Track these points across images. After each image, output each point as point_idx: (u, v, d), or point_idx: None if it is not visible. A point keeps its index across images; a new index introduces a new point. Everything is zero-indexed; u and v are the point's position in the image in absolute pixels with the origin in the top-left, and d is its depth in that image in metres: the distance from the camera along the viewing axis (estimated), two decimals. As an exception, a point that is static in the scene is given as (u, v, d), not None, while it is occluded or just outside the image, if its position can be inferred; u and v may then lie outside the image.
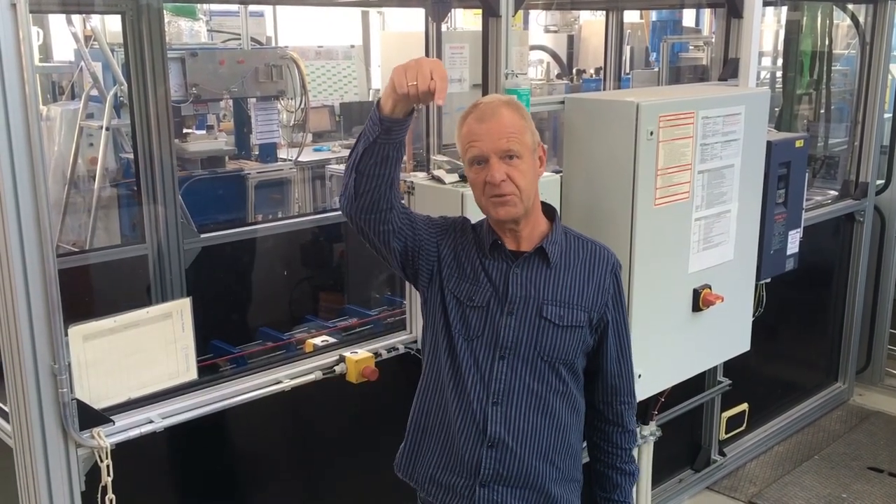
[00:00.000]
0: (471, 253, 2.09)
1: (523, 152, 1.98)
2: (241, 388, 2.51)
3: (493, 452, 2.04)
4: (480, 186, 2.00)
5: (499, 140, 1.95)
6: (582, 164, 3.05)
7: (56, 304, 2.03)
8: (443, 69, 1.83)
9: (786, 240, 3.74)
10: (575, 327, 2.06)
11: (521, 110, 2.03)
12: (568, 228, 2.16)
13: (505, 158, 1.96)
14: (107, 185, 5.38)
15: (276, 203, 6.47)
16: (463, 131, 2.02)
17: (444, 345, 2.08)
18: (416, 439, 2.17)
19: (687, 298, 3.19)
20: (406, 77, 1.82)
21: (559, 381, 2.07)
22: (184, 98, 5.44)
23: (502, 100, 2.06)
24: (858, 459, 4.43)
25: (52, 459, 2.12)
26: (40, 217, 1.98)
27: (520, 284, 2.05)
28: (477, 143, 1.98)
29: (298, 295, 4.94)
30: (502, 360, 2.04)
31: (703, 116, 3.03)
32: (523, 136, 1.99)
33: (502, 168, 1.95)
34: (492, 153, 1.96)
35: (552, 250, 2.07)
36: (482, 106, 2.01)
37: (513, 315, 2.04)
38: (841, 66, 5.71)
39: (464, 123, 2.02)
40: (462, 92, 5.67)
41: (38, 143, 1.96)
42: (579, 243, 2.13)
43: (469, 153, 2.00)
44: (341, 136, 7.87)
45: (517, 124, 1.99)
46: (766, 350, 3.99)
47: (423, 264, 2.08)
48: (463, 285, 2.07)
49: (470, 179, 2.04)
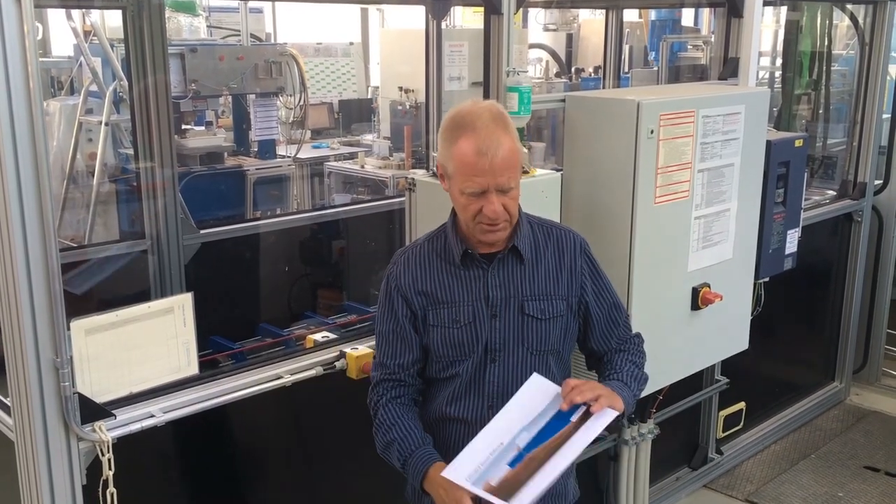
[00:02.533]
0: (436, 276, 2.08)
1: (517, 181, 1.97)
2: (242, 382, 2.52)
3: None
4: (473, 213, 1.97)
5: (500, 177, 1.92)
6: (582, 162, 3.05)
7: (58, 298, 2.04)
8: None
9: (784, 239, 3.75)
10: (556, 317, 2.09)
11: (511, 127, 1.98)
12: (531, 216, 2.15)
13: (502, 191, 1.94)
14: (105, 181, 5.37)
15: (275, 199, 6.47)
16: (456, 157, 1.94)
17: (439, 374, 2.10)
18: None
19: (686, 297, 3.20)
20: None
21: (546, 371, 2.08)
22: (183, 94, 5.44)
23: (496, 119, 1.95)
24: (855, 458, 4.45)
25: (54, 453, 2.12)
26: (43, 212, 1.99)
27: (498, 286, 2.06)
28: (478, 178, 1.92)
29: (297, 291, 4.94)
30: (493, 363, 2.06)
31: (703, 115, 3.04)
32: (518, 164, 1.98)
33: (500, 202, 1.94)
34: (492, 188, 1.93)
35: (524, 246, 2.07)
36: (481, 132, 1.91)
37: (497, 317, 2.05)
38: (840, 66, 5.72)
39: (457, 145, 1.93)
40: (462, 90, 5.68)
41: (42, 137, 1.96)
42: (545, 231, 2.14)
43: (467, 187, 1.94)
44: (340, 133, 7.88)
45: (514, 153, 1.95)
46: (764, 349, 4.00)
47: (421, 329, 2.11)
48: (442, 312, 2.07)
49: (459, 203, 1.99)
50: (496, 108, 1.99)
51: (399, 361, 2.11)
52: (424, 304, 2.08)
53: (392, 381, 2.12)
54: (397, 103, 6.57)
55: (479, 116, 1.94)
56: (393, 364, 2.11)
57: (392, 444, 2.05)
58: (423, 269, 2.10)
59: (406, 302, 2.09)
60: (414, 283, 2.09)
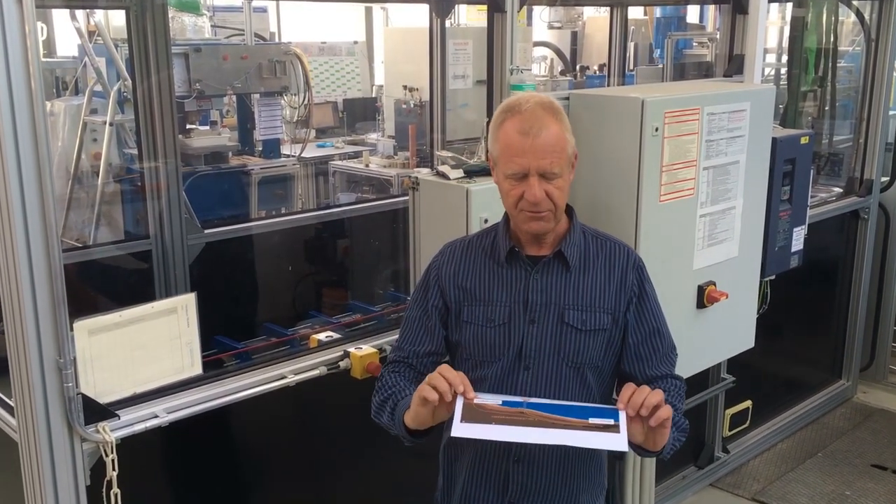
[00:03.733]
0: (478, 272, 2.04)
1: (564, 170, 1.90)
2: (246, 383, 2.51)
3: (520, 467, 2.00)
4: (515, 199, 1.91)
5: (542, 160, 1.86)
6: (587, 160, 3.03)
7: (61, 298, 2.03)
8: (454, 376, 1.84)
9: (790, 237, 3.73)
10: (598, 330, 2.00)
11: (562, 116, 1.93)
12: (586, 227, 2.09)
13: (544, 177, 1.88)
14: (110, 181, 5.38)
15: (280, 199, 6.47)
16: (501, 139, 1.91)
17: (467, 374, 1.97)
18: (450, 471, 2.14)
19: (691, 295, 3.18)
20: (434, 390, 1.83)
21: (583, 386, 2.00)
22: (187, 93, 5.44)
23: (544, 105, 1.91)
24: (862, 457, 4.43)
25: (58, 454, 2.12)
26: (46, 212, 1.98)
27: (540, 291, 1.99)
28: (519, 159, 1.87)
29: (302, 291, 4.94)
30: (526, 370, 1.99)
31: (708, 113, 3.02)
32: (565, 152, 1.90)
33: (542, 187, 1.87)
34: (534, 171, 1.87)
35: (571, 253, 2.00)
36: (526, 114, 1.88)
37: (535, 323, 1.98)
38: (846, 62, 5.69)
39: (502, 127, 1.91)
40: (466, 88, 5.67)
41: (45, 138, 1.96)
42: (598, 243, 2.06)
43: (509, 168, 1.89)
44: (345, 133, 7.87)
45: (561, 139, 1.89)
46: (770, 347, 3.99)
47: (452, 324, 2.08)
48: (477, 309, 2.02)
49: (503, 189, 1.95)
50: (546, 98, 1.96)
51: (416, 349, 2.08)
52: (461, 298, 2.04)
53: (404, 364, 2.09)
54: (402, 102, 6.57)
55: (527, 101, 1.93)
56: (410, 349, 2.08)
57: (387, 401, 2.01)
58: (467, 263, 2.06)
59: (442, 293, 2.05)
60: (455, 276, 2.05)
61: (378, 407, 2.03)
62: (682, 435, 2.01)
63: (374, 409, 2.05)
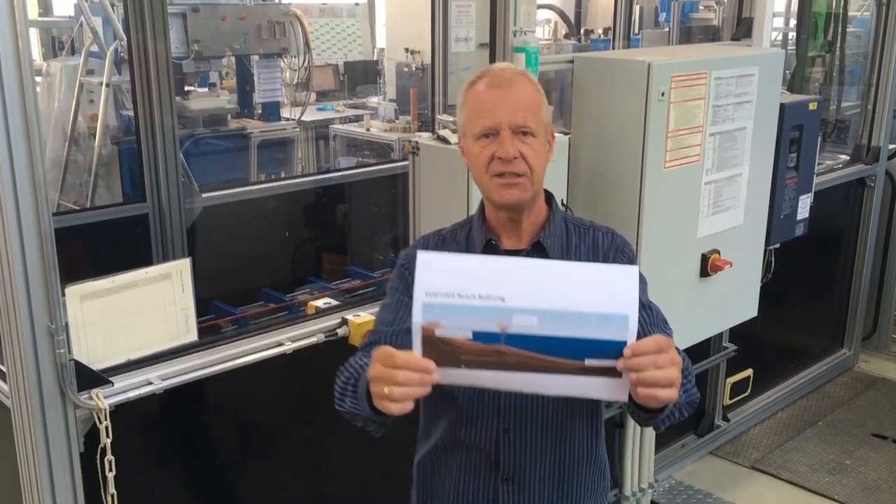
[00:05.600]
0: None
1: (538, 131, 1.73)
2: (242, 350, 2.48)
3: (510, 486, 1.80)
4: (485, 163, 1.72)
5: (515, 112, 1.70)
6: (591, 125, 2.98)
7: (52, 262, 1.99)
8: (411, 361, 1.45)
9: (796, 204, 3.68)
10: None
11: (537, 85, 1.79)
12: (567, 216, 1.92)
13: (518, 135, 1.71)
14: (108, 143, 5.31)
15: (279, 163, 6.40)
16: (470, 100, 1.77)
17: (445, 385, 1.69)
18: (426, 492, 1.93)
19: (695, 264, 3.15)
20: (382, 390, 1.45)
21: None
22: (185, 55, 5.35)
23: (516, 69, 1.81)
24: (863, 426, 4.42)
25: (51, 421, 2.09)
26: (35, 173, 1.93)
27: None
28: (489, 112, 1.71)
29: (301, 256, 4.90)
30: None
31: (715, 77, 2.96)
32: (539, 113, 1.75)
33: (515, 143, 1.70)
34: (505, 125, 1.70)
35: (551, 244, 1.81)
36: (496, 71, 1.77)
37: None
38: (854, 27, 5.59)
39: (471, 89, 1.77)
40: (468, 51, 5.58)
41: (32, 97, 1.90)
42: (580, 232, 1.87)
43: (478, 123, 1.72)
44: (345, 96, 7.78)
45: (535, 98, 1.75)
46: (773, 315, 3.96)
47: None
48: None
49: (472, 155, 1.75)
50: (519, 67, 1.86)
51: (398, 327, 1.78)
52: None
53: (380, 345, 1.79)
54: (403, 65, 6.47)
55: (498, 65, 1.83)
56: (387, 330, 1.79)
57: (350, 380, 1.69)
58: None
59: None
60: None
61: (341, 389, 1.71)
62: (687, 407, 1.74)
63: (337, 392, 1.72)
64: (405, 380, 1.43)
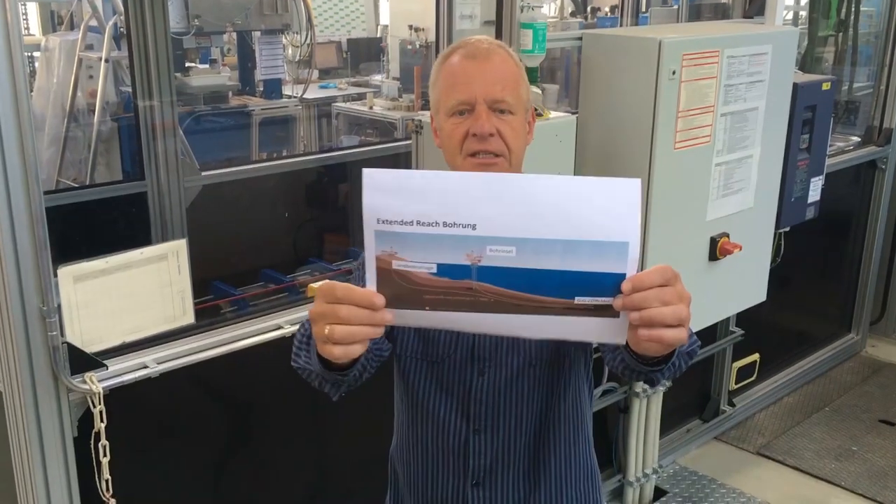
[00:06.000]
0: None
1: (517, 108, 1.56)
2: (240, 333, 2.43)
3: (480, 492, 1.63)
4: (459, 141, 1.54)
5: (493, 85, 1.53)
6: (599, 104, 2.91)
7: (43, 242, 1.93)
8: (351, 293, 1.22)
9: (808, 187, 3.61)
10: None
11: (518, 59, 1.63)
12: None
13: (496, 112, 1.54)
14: (107, 119, 5.24)
15: (281, 141, 6.33)
16: (443, 71, 1.59)
17: (409, 376, 1.64)
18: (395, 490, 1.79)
19: (704, 247, 3.09)
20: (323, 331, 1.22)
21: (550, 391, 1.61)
22: (186, 30, 5.27)
23: (495, 41, 1.63)
24: (869, 412, 4.37)
25: (43, 405, 2.04)
26: (25, 151, 1.87)
27: None
28: (463, 85, 1.54)
29: (302, 236, 4.83)
30: (481, 376, 1.59)
31: (728, 56, 2.89)
32: (519, 88, 1.58)
33: (492, 120, 1.52)
34: (481, 99, 1.52)
35: None
36: (473, 42, 1.60)
37: None
38: (866, 7, 5.49)
39: (445, 62, 1.59)
40: (473, 29, 5.49)
41: (22, 71, 1.83)
42: None
43: (451, 97, 1.55)
44: (348, 73, 7.69)
45: (514, 72, 1.59)
46: (780, 299, 3.90)
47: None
48: None
49: (445, 133, 1.58)
50: (499, 41, 1.66)
51: None
52: None
53: None
54: (407, 42, 6.38)
55: (475, 37, 1.64)
56: None
57: (308, 332, 1.52)
58: None
59: None
60: None
61: (297, 344, 1.56)
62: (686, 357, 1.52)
63: (294, 348, 1.57)
64: (347, 316, 1.19)
